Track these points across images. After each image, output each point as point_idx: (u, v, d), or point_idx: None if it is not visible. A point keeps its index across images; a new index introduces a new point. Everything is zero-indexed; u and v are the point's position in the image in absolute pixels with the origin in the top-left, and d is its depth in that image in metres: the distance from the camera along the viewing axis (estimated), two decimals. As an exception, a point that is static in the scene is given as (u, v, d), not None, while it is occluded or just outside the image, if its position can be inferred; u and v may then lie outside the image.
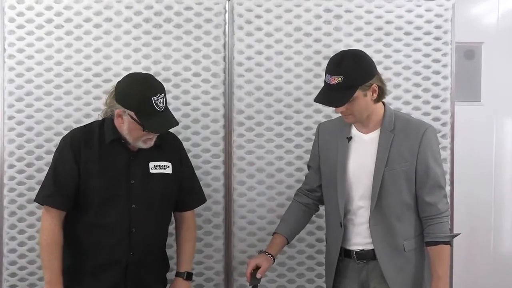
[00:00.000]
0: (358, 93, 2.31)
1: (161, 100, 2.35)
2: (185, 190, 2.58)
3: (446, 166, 2.89)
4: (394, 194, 2.39)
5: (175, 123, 2.42)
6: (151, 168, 2.47)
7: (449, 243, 2.41)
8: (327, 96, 2.36)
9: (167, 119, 2.39)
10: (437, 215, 2.39)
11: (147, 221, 2.44)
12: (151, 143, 2.43)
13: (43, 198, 2.43)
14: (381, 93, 2.38)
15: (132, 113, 2.34)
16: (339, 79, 2.29)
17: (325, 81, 2.37)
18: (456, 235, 2.46)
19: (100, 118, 2.54)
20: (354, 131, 2.48)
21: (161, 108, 2.35)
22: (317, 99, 2.40)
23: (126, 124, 2.38)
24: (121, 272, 2.43)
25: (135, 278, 2.45)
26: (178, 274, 2.58)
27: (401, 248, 2.40)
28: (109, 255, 2.41)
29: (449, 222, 2.46)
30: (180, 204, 2.60)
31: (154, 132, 2.38)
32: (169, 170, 2.51)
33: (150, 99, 2.32)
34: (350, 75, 2.29)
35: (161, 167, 2.49)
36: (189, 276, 2.58)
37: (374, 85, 2.34)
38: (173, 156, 2.54)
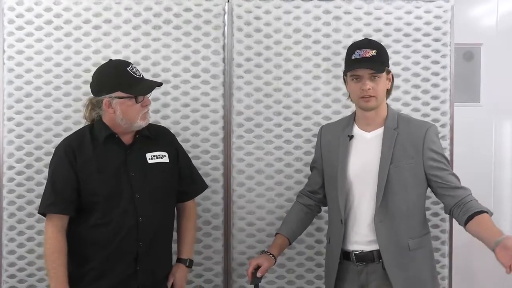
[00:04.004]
0: (384, 74, 2.41)
1: (136, 69, 2.46)
2: (184, 179, 2.62)
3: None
4: (399, 191, 2.39)
5: (159, 83, 2.51)
6: (149, 159, 2.51)
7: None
8: (365, 64, 2.37)
9: (150, 82, 2.50)
10: (469, 195, 2.39)
11: (153, 210, 2.46)
12: (148, 118, 2.50)
13: (44, 207, 2.45)
14: (391, 87, 2.50)
15: (119, 93, 2.40)
16: (373, 52, 2.39)
17: (353, 59, 2.39)
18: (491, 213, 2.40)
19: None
20: (356, 129, 2.50)
21: (139, 76, 2.45)
22: (356, 66, 2.38)
23: (118, 108, 2.42)
24: (132, 264, 2.44)
25: (146, 269, 2.46)
26: (180, 260, 2.62)
27: (406, 246, 2.40)
28: (119, 249, 2.42)
29: None
30: (181, 194, 2.63)
31: (145, 93, 2.44)
32: (166, 159, 2.55)
33: (126, 71, 2.42)
34: (382, 51, 2.42)
35: (158, 157, 2.53)
36: (190, 264, 2.63)
37: (391, 73, 2.46)
38: (168, 147, 2.59)
